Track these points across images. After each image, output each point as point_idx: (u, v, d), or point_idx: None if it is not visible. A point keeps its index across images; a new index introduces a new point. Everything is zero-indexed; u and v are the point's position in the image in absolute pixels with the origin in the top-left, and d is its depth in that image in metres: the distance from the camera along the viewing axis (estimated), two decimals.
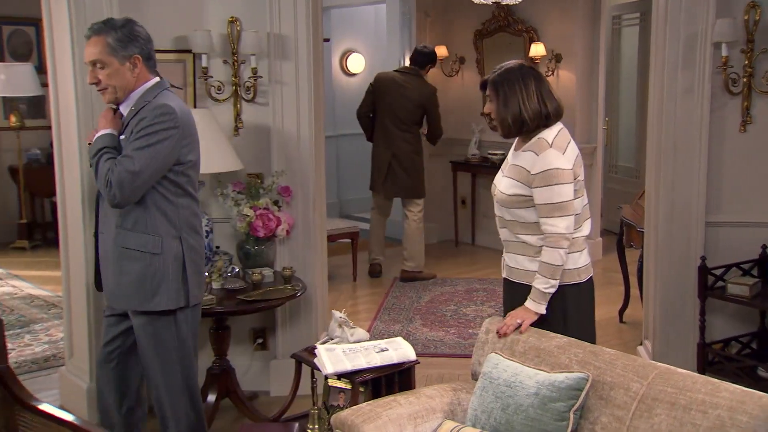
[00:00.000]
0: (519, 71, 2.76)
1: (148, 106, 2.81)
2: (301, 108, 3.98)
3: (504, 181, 2.83)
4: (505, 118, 2.74)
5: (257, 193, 3.83)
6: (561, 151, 2.72)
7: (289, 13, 3.90)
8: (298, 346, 4.04)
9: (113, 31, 2.80)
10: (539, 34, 6.95)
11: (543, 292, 2.70)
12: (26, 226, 7.66)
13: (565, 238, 2.67)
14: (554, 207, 2.67)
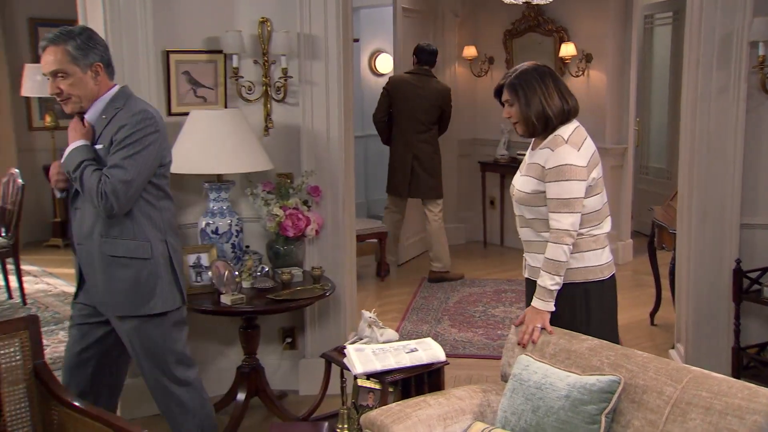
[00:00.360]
0: (536, 71, 2.79)
1: (123, 113, 2.77)
2: (331, 108, 3.99)
3: (522, 180, 2.84)
4: (529, 117, 2.75)
5: (287, 192, 3.85)
6: (576, 147, 2.73)
7: (320, 14, 3.92)
8: (327, 346, 4.06)
9: (72, 39, 2.72)
10: (569, 34, 6.89)
11: (549, 290, 2.70)
12: (60, 225, 7.78)
13: (569, 234, 2.68)
14: (562, 202, 2.67)
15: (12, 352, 2.47)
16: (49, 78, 2.73)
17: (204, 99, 3.92)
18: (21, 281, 5.72)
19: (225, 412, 3.77)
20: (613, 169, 6.74)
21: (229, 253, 3.70)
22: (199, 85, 3.90)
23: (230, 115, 3.67)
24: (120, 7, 3.60)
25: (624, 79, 6.78)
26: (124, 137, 2.73)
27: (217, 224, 3.68)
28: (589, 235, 2.76)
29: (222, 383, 3.98)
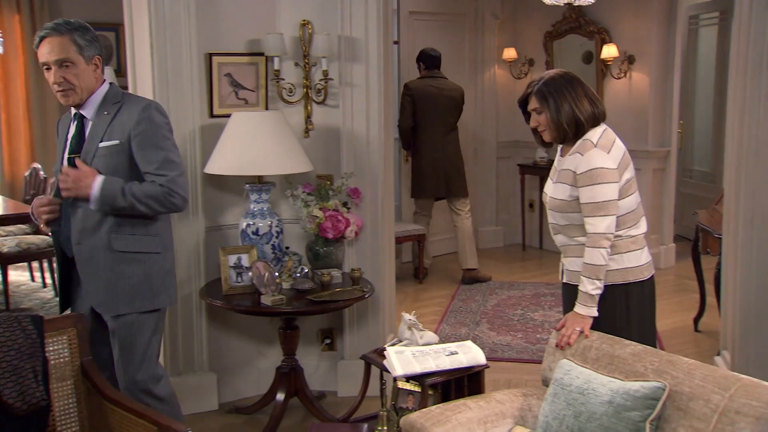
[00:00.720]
0: (563, 78, 2.78)
1: (130, 107, 2.77)
2: (371, 110, 4.00)
3: (554, 187, 2.84)
4: (560, 123, 2.74)
5: (327, 194, 3.86)
6: (606, 150, 2.72)
7: (360, 16, 3.93)
8: (365, 348, 4.06)
9: (76, 30, 2.71)
10: (611, 35, 6.80)
11: (591, 294, 2.68)
12: None
13: (605, 237, 2.66)
14: (596, 206, 2.65)
15: (60, 349, 2.52)
16: (52, 67, 2.67)
17: (245, 101, 3.96)
18: None
19: (264, 412, 3.81)
20: (655, 172, 6.64)
21: (269, 254, 3.73)
22: (240, 87, 3.94)
23: (271, 117, 3.70)
24: (165, 10, 3.66)
25: (667, 81, 6.67)
26: (153, 132, 2.75)
27: (258, 225, 3.71)
28: (628, 236, 2.73)
29: (261, 383, 4.01)
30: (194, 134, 3.79)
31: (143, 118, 2.76)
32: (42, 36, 2.68)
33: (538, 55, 7.50)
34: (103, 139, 2.75)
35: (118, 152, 2.75)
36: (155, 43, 3.66)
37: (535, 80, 2.83)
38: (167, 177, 2.73)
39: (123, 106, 2.79)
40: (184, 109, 3.75)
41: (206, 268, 3.86)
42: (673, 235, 7.03)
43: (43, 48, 2.68)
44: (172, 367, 3.86)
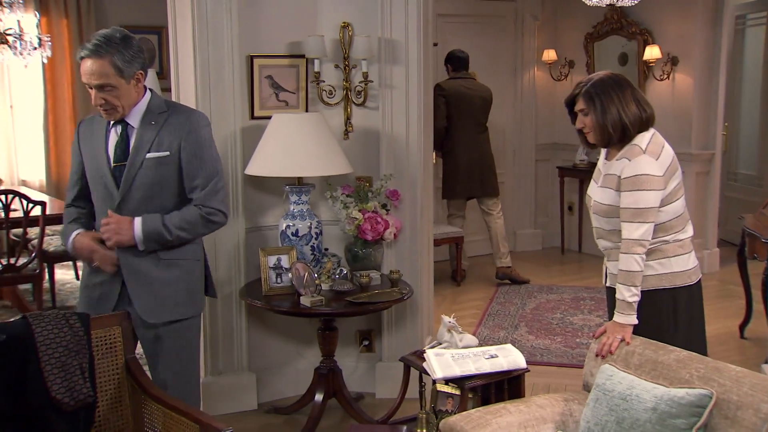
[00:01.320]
0: (612, 80, 2.74)
1: (179, 117, 2.80)
2: (411, 112, 4.00)
3: (600, 192, 2.80)
4: (605, 126, 2.70)
5: (366, 196, 3.86)
6: (654, 156, 2.68)
7: (401, 19, 3.93)
8: (403, 349, 4.06)
9: (119, 51, 2.64)
10: (654, 36, 6.70)
11: (628, 302, 2.65)
12: None
13: (639, 244, 2.63)
14: (636, 212, 2.62)
15: (105, 346, 2.57)
16: (93, 89, 2.67)
17: (286, 103, 3.99)
18: None
19: (302, 413, 3.82)
20: (699, 176, 6.51)
21: (308, 255, 3.74)
22: (281, 89, 3.97)
23: (312, 119, 3.72)
24: (207, 13, 3.70)
25: (712, 83, 6.54)
26: (200, 144, 2.79)
27: (298, 226, 3.73)
28: (675, 240, 2.69)
29: (299, 384, 4.03)
30: (235, 136, 3.83)
31: (192, 130, 2.79)
32: (83, 56, 2.66)
33: (578, 57, 7.42)
34: (151, 150, 2.75)
35: (166, 163, 2.75)
36: (198, 45, 3.71)
37: (583, 81, 2.79)
38: (209, 194, 2.78)
39: (170, 116, 2.80)
40: (225, 110, 3.79)
41: (246, 269, 3.90)
42: (717, 240, 6.89)
43: (85, 67, 2.66)
44: (212, 367, 3.90)
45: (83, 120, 2.95)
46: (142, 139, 2.76)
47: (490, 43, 7.19)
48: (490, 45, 7.19)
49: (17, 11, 5.76)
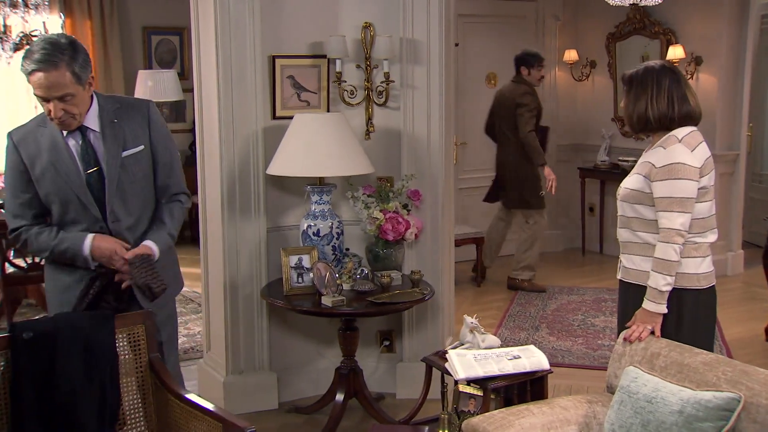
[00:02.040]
0: (658, 70, 2.75)
1: (132, 109, 2.74)
2: (432, 112, 3.99)
3: (629, 179, 2.81)
4: (631, 115, 2.76)
5: (387, 196, 3.86)
6: (690, 148, 2.67)
7: (422, 19, 3.92)
8: (424, 350, 4.05)
9: (72, 57, 2.50)
10: (677, 36, 6.64)
11: (661, 291, 2.63)
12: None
13: (679, 234, 2.60)
14: (673, 201, 2.60)
15: (130, 345, 2.58)
16: (51, 102, 2.51)
17: (307, 103, 3.99)
18: None
19: (323, 413, 3.83)
20: (722, 177, 6.44)
21: (329, 255, 3.74)
22: (303, 89, 3.97)
23: (333, 119, 3.72)
24: (230, 14, 3.72)
25: (737, 83, 6.47)
26: (165, 133, 2.82)
27: (319, 226, 3.73)
28: (691, 242, 2.67)
29: (319, 384, 4.03)
30: (257, 136, 3.84)
31: (151, 118, 2.76)
32: (34, 69, 2.47)
33: (600, 57, 7.37)
34: (126, 148, 2.68)
35: (142, 158, 2.71)
36: (220, 45, 3.72)
37: (640, 65, 2.82)
38: (180, 180, 2.87)
39: (123, 110, 2.72)
40: (247, 110, 3.81)
41: (267, 269, 3.91)
42: (741, 242, 6.81)
43: (38, 80, 2.49)
44: (233, 366, 3.92)
45: (15, 133, 2.69)
46: (112, 139, 2.66)
47: (511, 44, 7.14)
48: (511, 45, 7.13)
49: (42, 13, 5.81)
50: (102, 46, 7.89)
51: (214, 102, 3.77)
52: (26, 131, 2.69)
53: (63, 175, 2.62)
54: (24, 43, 5.84)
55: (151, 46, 8.38)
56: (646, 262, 2.71)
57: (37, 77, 2.49)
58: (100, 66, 7.88)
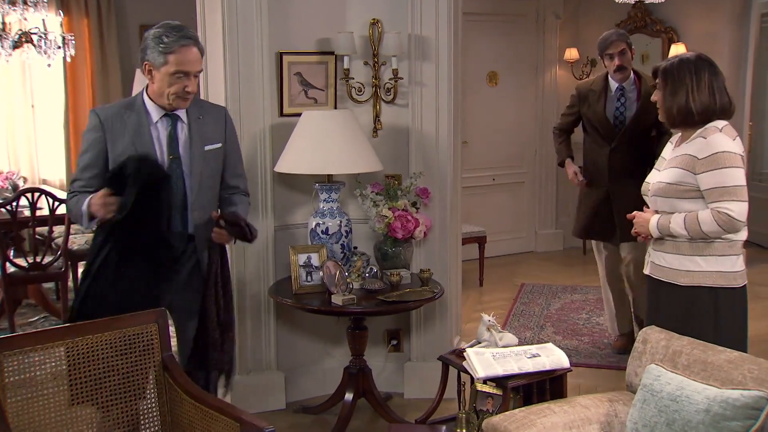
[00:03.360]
0: (694, 62, 2.71)
1: (212, 110, 3.01)
2: (440, 109, 3.96)
3: (664, 173, 2.76)
4: (671, 108, 2.70)
5: (395, 194, 3.82)
6: (731, 137, 2.66)
7: (431, 15, 3.89)
8: (432, 349, 4.03)
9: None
10: (679, 35, 6.63)
11: (670, 231, 2.67)
12: None
13: (736, 224, 2.58)
14: (725, 191, 2.57)
15: (142, 344, 2.54)
16: (189, 77, 2.76)
17: (315, 100, 3.96)
18: None
19: (331, 413, 3.79)
20: None
21: (338, 253, 3.71)
22: (310, 86, 3.93)
23: (343, 116, 3.68)
24: (237, 10, 3.68)
25: (738, 82, 6.47)
26: (234, 132, 3.09)
27: (328, 224, 3.69)
28: (726, 239, 2.64)
29: (327, 383, 4.00)
30: (264, 133, 3.80)
31: (227, 120, 3.02)
32: (185, 44, 2.72)
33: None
34: (207, 143, 2.87)
35: (218, 155, 2.93)
36: (228, 41, 3.68)
37: (672, 56, 2.79)
38: (245, 181, 3.10)
39: (206, 109, 2.97)
40: (255, 107, 3.77)
41: (275, 267, 3.87)
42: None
43: (190, 55, 2.73)
44: (241, 366, 3.87)
45: (101, 111, 2.83)
46: (197, 132, 2.86)
47: (512, 42, 7.14)
48: (512, 44, 7.14)
49: (41, 10, 5.75)
50: (99, 44, 7.82)
51: (222, 99, 3.72)
52: (113, 111, 2.82)
53: (100, 156, 2.77)
54: (23, 41, 5.77)
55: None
56: (678, 260, 2.68)
57: (187, 51, 2.73)
58: (98, 64, 7.81)
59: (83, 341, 2.45)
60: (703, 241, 2.64)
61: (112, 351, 2.50)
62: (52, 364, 2.39)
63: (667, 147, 2.92)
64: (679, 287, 2.69)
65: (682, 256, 2.70)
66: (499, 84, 7.21)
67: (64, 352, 2.39)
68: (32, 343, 2.35)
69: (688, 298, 2.67)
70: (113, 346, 2.51)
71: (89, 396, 2.44)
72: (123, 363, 2.53)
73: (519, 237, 7.43)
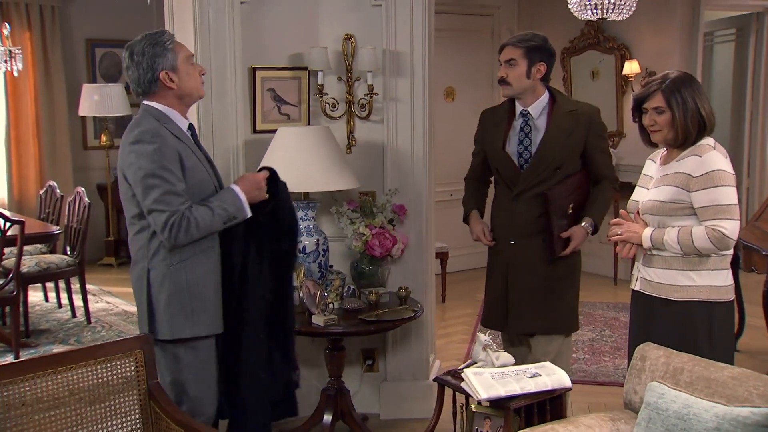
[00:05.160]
0: (687, 77, 2.74)
1: None
2: (416, 125, 3.91)
3: (654, 191, 2.75)
4: (686, 123, 2.66)
5: (371, 211, 3.76)
6: (724, 155, 2.68)
7: (405, 30, 3.85)
8: (409, 369, 3.97)
9: None
10: (632, 52, 6.78)
11: (662, 243, 2.65)
12: (113, 243, 7.79)
13: (729, 240, 2.58)
14: (720, 209, 2.59)
15: (127, 372, 2.40)
16: None
17: (288, 116, 3.87)
18: (86, 300, 5.68)
19: None
20: None
21: (315, 272, 3.61)
22: (283, 102, 3.85)
23: (319, 132, 3.60)
24: (209, 24, 3.58)
25: None
26: None
27: (305, 243, 3.59)
28: (719, 254, 2.66)
29: (303, 406, 3.83)
30: (237, 150, 3.70)
31: None
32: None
33: (555, 72, 7.41)
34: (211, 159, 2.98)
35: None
36: (200, 56, 3.57)
37: (657, 78, 2.75)
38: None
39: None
40: (227, 124, 3.66)
41: None
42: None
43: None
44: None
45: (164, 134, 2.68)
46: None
47: (469, 58, 7.18)
48: (469, 59, 7.18)
49: None
50: (43, 58, 7.55)
51: (194, 115, 3.59)
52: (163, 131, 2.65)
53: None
54: None
55: (95, 59, 8.07)
56: (671, 275, 2.69)
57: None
58: (41, 79, 7.54)
59: (66, 370, 2.31)
60: (695, 256, 2.66)
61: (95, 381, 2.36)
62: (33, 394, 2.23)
63: (649, 164, 2.93)
64: (673, 302, 2.70)
65: (675, 271, 2.70)
66: (456, 99, 7.23)
67: (49, 383, 2.24)
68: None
69: (683, 313, 2.68)
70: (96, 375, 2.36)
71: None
72: (106, 393, 2.39)
73: (478, 252, 7.39)
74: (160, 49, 2.62)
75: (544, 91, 3.43)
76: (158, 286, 2.58)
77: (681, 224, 2.66)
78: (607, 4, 5.04)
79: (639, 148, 2.86)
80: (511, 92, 3.40)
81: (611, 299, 6.34)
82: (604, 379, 4.55)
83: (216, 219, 2.61)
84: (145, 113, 2.65)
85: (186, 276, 2.60)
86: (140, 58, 2.61)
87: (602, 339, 5.29)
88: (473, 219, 3.61)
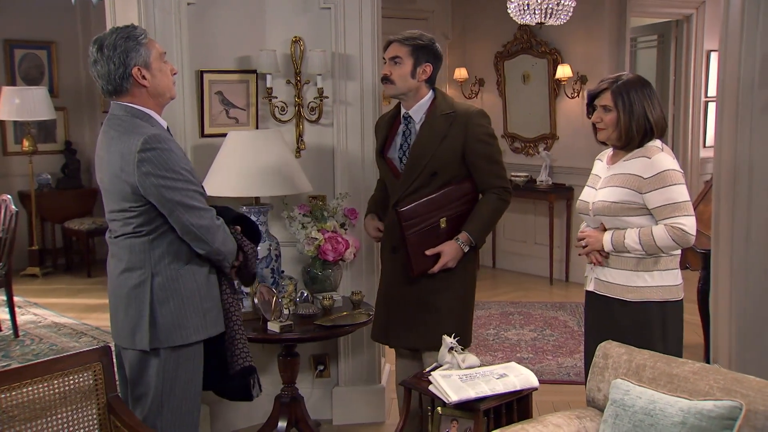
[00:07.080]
0: (639, 81, 2.78)
1: None
2: (366, 128, 3.91)
3: (605, 192, 2.80)
4: (630, 126, 2.72)
5: (322, 215, 3.73)
6: (671, 156, 2.76)
7: (354, 33, 3.84)
8: (361, 374, 3.96)
9: None
10: (563, 56, 6.96)
11: (624, 246, 2.71)
12: (38, 253, 7.45)
13: (690, 235, 2.65)
14: (676, 206, 2.66)
15: (86, 385, 2.30)
16: None
17: (236, 120, 3.80)
18: (14, 312, 5.42)
19: None
20: None
21: (268, 278, 3.56)
22: (231, 105, 3.77)
23: (270, 136, 3.55)
24: (156, 27, 3.47)
25: None
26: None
27: (257, 248, 3.52)
28: (669, 253, 2.74)
29: (253, 415, 3.84)
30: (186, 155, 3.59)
31: None
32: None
33: (488, 76, 7.60)
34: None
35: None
36: None
37: (611, 77, 2.81)
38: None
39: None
40: (176, 128, 3.52)
41: None
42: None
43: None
44: None
45: (167, 138, 2.62)
46: None
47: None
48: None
49: None
50: None
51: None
52: (166, 136, 2.55)
53: None
54: None
55: (14, 61, 7.71)
56: (625, 276, 2.76)
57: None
58: None
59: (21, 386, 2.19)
60: (651, 257, 2.73)
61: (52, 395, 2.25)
62: None
63: (597, 164, 3.00)
64: (627, 303, 2.77)
65: (628, 272, 2.77)
66: (391, 104, 7.23)
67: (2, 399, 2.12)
68: None
69: (637, 313, 2.75)
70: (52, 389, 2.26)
71: None
72: (62, 407, 2.28)
73: None
74: (134, 43, 2.46)
75: (427, 94, 3.27)
76: (169, 291, 2.46)
77: (637, 222, 2.72)
78: (545, 9, 5.15)
79: (572, 150, 2.92)
80: (394, 92, 3.27)
81: (548, 299, 6.49)
82: (549, 378, 4.64)
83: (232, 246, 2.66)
84: (127, 115, 2.47)
85: (195, 277, 2.52)
86: (111, 52, 2.44)
87: (544, 338, 5.41)
88: (367, 219, 3.51)
